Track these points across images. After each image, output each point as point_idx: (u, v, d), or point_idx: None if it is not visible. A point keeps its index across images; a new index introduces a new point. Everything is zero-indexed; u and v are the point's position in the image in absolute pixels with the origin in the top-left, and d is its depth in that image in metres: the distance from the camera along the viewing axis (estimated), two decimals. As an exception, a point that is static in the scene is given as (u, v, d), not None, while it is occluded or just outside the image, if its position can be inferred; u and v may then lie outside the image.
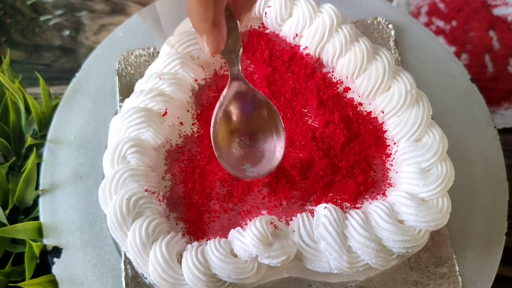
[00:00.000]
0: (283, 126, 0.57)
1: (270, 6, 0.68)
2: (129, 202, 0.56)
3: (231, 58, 0.54)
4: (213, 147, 0.57)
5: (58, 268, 0.64)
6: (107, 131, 0.64)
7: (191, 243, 0.57)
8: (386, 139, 0.63)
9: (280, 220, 0.59)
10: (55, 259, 0.64)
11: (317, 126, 0.65)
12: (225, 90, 0.57)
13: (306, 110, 0.66)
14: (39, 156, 0.70)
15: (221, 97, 0.57)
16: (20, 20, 1.00)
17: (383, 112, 0.63)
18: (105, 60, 0.76)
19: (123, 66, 0.75)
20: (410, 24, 0.79)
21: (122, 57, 0.75)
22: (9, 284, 0.63)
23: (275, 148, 0.57)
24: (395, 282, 0.62)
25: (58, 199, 0.68)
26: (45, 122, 0.74)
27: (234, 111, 0.57)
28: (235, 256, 0.56)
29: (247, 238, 0.55)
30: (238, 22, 0.52)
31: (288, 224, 0.59)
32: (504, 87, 0.91)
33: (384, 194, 0.61)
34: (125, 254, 0.63)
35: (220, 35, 0.47)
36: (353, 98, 0.66)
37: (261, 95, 0.57)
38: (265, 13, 0.69)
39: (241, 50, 0.54)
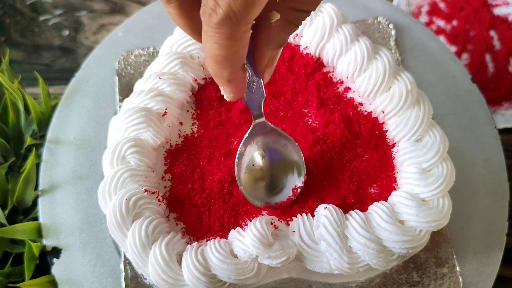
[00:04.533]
0: (304, 161, 0.60)
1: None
2: (129, 202, 0.56)
3: (251, 105, 0.57)
4: (237, 180, 0.60)
5: (57, 268, 0.64)
6: (107, 131, 0.64)
7: (191, 244, 0.57)
8: (387, 139, 0.63)
9: (280, 220, 0.59)
10: (54, 260, 0.64)
11: (317, 126, 0.65)
12: (248, 131, 0.59)
13: (306, 110, 0.66)
14: (39, 156, 0.70)
15: (244, 137, 0.59)
16: (20, 20, 1.00)
17: (383, 112, 0.63)
18: (104, 60, 0.76)
19: (123, 66, 0.75)
20: (411, 23, 0.79)
21: (122, 57, 0.75)
22: (8, 285, 0.63)
23: (294, 185, 0.60)
24: (396, 282, 0.62)
25: (57, 200, 0.67)
26: (44, 122, 0.73)
27: (257, 151, 0.60)
28: (235, 256, 0.55)
29: (247, 239, 0.55)
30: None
31: (288, 224, 0.58)
32: (505, 87, 0.90)
33: (384, 194, 0.60)
34: (124, 255, 0.63)
35: (235, 88, 0.48)
36: (354, 98, 0.66)
37: (284, 135, 0.60)
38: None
39: (264, 98, 0.56)
